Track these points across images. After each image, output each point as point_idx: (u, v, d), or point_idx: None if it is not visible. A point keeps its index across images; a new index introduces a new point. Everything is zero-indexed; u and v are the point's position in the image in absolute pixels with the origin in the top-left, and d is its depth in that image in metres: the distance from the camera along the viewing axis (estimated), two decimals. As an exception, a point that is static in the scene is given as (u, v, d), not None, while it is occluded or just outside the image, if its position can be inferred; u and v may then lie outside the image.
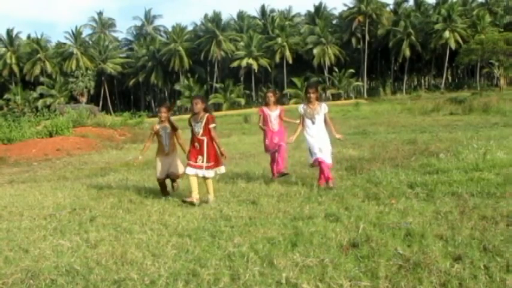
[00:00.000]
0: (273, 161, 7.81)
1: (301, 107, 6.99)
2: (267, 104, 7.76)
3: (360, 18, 66.68)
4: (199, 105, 6.20)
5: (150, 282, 3.47)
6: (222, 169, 6.37)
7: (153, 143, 7.12)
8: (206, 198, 6.20)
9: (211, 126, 6.14)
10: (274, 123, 7.67)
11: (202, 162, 6.13)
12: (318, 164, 6.82)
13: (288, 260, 3.70)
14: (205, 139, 6.17)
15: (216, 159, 6.25)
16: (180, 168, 6.84)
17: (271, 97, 7.76)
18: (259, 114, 7.94)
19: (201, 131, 6.16)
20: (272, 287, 3.28)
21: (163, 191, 7.02)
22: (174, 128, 6.84)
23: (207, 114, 6.21)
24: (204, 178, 6.18)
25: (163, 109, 6.91)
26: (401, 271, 3.38)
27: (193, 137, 6.22)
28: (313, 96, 6.85)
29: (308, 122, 6.85)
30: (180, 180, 7.17)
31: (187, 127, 6.45)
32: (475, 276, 3.21)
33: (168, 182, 7.10)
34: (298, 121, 7.11)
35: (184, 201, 6.07)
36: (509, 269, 3.30)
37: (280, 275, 3.39)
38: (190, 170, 6.12)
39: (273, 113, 7.69)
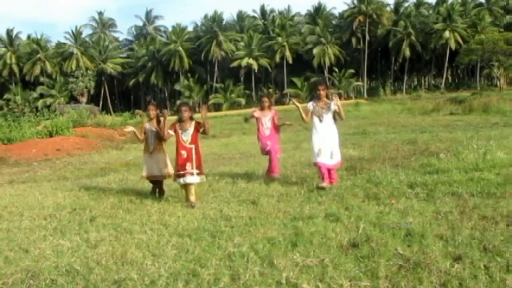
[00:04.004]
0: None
1: (310, 104, 6.83)
2: (261, 108, 7.81)
3: (360, 18, 66.59)
4: (187, 113, 6.18)
5: (150, 282, 3.47)
6: (203, 178, 6.36)
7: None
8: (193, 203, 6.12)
9: (207, 125, 6.14)
10: (266, 128, 7.70)
11: (192, 168, 6.11)
12: (317, 166, 6.78)
13: (288, 260, 3.70)
14: (193, 147, 6.14)
15: (201, 167, 6.24)
16: (170, 169, 6.85)
17: (265, 102, 7.82)
18: (253, 115, 7.94)
19: (189, 139, 6.13)
20: (272, 287, 3.28)
21: (154, 191, 7.07)
22: (158, 132, 6.77)
23: (193, 122, 6.21)
24: (188, 184, 6.13)
25: (151, 107, 7.03)
26: (402, 271, 3.38)
27: (180, 145, 6.14)
28: (323, 93, 6.69)
29: (316, 119, 6.71)
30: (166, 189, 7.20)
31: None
32: (475, 276, 3.21)
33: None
34: (304, 115, 6.78)
35: (193, 207, 6.05)
36: (509, 269, 3.30)
37: (280, 275, 3.40)
38: (191, 179, 6.09)
39: (265, 117, 7.75)
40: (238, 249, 4.06)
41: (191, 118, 6.23)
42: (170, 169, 6.81)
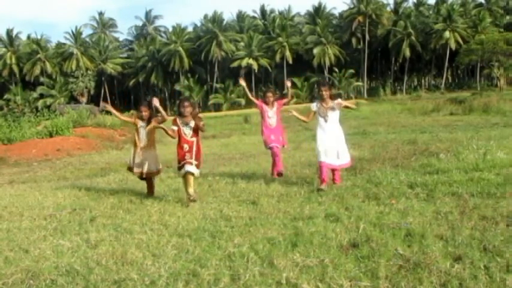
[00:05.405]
0: (274, 159, 7.85)
1: (314, 104, 6.83)
2: (266, 103, 7.84)
3: (360, 18, 66.58)
4: (189, 109, 6.24)
5: (150, 283, 3.47)
6: (200, 171, 6.45)
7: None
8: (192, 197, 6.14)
9: (201, 123, 6.20)
10: (272, 120, 7.74)
11: (191, 158, 6.21)
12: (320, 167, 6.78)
13: (288, 260, 3.70)
14: (194, 141, 6.26)
15: (199, 160, 6.33)
16: (158, 165, 7.03)
17: (270, 97, 7.85)
18: (259, 105, 7.93)
19: (191, 133, 6.21)
20: (272, 287, 3.28)
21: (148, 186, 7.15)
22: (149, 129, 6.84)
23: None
24: (188, 173, 6.20)
25: (143, 108, 6.94)
26: (402, 271, 3.38)
27: (182, 139, 6.22)
28: (325, 93, 6.68)
29: (321, 120, 6.69)
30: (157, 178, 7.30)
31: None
32: (475, 277, 3.21)
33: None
34: (304, 118, 7.01)
35: (193, 201, 6.08)
36: (509, 269, 3.30)
37: (281, 275, 3.39)
38: (189, 168, 6.15)
39: (271, 110, 7.78)
40: (238, 249, 4.06)
41: (192, 113, 6.28)
42: (160, 165, 7.05)
